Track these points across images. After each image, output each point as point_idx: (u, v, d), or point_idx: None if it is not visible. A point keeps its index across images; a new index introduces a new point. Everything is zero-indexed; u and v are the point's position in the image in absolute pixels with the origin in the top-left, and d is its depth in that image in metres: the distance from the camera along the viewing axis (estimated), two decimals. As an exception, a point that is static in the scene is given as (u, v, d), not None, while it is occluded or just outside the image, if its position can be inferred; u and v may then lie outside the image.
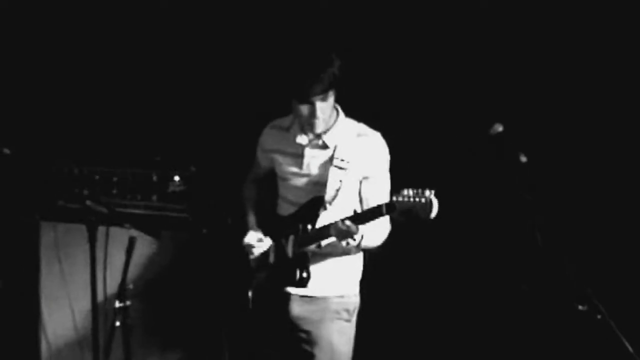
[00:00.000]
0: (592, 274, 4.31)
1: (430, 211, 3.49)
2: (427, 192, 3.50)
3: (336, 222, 3.71)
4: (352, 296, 4.02)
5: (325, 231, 3.79)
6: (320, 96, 3.80)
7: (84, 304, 4.48)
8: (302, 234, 3.89)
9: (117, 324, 4.27)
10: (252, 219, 4.12)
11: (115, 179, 4.65)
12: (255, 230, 4.07)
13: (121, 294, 4.27)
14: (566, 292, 4.23)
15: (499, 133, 4.14)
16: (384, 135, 4.00)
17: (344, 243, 3.76)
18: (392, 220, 3.90)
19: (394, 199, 3.56)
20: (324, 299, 3.96)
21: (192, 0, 5.07)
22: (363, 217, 3.70)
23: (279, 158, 4.02)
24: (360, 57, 4.61)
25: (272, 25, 4.94)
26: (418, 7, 4.77)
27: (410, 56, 4.82)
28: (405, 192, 3.55)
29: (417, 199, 3.50)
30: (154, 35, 5.10)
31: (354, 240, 3.73)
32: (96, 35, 5.12)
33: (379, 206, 3.65)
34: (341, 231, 3.70)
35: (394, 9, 4.82)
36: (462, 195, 4.44)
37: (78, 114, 5.01)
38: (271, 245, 4.01)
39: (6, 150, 4.21)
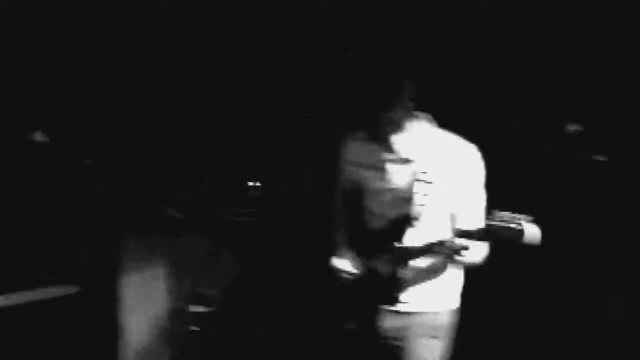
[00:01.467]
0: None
1: (520, 239, 3.30)
2: (520, 218, 3.32)
3: (448, 240, 3.53)
4: (444, 313, 3.93)
5: (425, 249, 3.69)
6: (389, 113, 3.69)
7: (161, 310, 4.52)
8: (396, 253, 3.79)
9: (193, 329, 4.30)
10: (341, 237, 4.04)
11: (195, 187, 4.69)
12: (345, 250, 4.00)
13: (197, 300, 4.30)
14: None
15: (576, 132, 4.10)
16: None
17: (451, 259, 3.64)
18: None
19: (487, 223, 3.41)
20: (412, 314, 3.87)
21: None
22: (470, 234, 3.47)
23: (363, 172, 3.92)
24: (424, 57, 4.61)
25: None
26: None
27: (487, 52, 4.79)
28: (498, 214, 3.37)
29: (506, 225, 3.33)
30: (230, 41, 5.12)
31: (462, 255, 3.60)
32: (167, 36, 5.16)
33: (472, 230, 3.46)
34: (453, 248, 3.53)
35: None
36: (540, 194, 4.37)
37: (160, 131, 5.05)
38: (362, 262, 3.94)
39: (88, 161, 4.29)
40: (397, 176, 3.79)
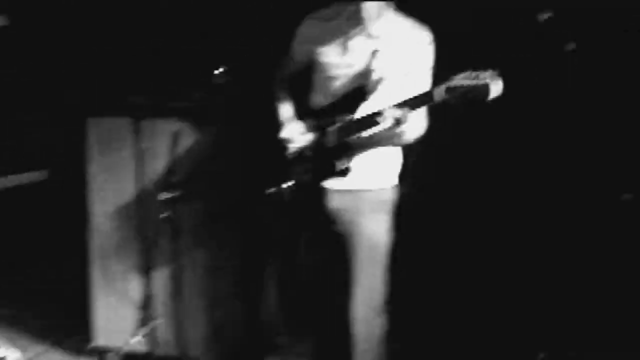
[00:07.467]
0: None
1: (487, 93, 3.34)
2: (484, 74, 3.38)
3: (385, 110, 3.64)
4: (389, 189, 4.01)
5: (370, 120, 3.74)
6: None
7: (131, 198, 4.53)
8: (344, 124, 3.85)
9: (164, 216, 4.31)
10: (288, 112, 4.08)
11: (159, 71, 4.64)
12: (294, 122, 4.04)
13: (167, 186, 4.30)
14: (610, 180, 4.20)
15: (548, 19, 4.05)
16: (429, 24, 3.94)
17: (390, 132, 3.70)
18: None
19: (447, 83, 3.48)
20: (361, 191, 3.95)
21: None
22: (413, 103, 3.62)
23: (320, 48, 3.96)
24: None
25: None
26: None
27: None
28: (458, 76, 3.46)
29: (472, 82, 3.39)
30: None
31: (402, 129, 3.66)
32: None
33: (430, 91, 3.56)
34: (391, 118, 3.63)
35: None
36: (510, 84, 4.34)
37: (123, 7, 4.95)
38: (309, 136, 3.98)
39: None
40: (358, 51, 3.83)
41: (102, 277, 4.63)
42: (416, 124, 3.81)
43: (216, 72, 4.43)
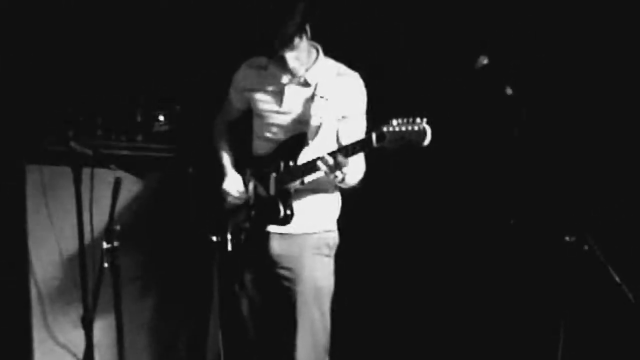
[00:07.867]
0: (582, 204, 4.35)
1: (424, 138, 3.47)
2: (419, 120, 3.49)
3: (325, 156, 3.69)
4: (331, 232, 4.03)
5: (311, 166, 3.78)
6: (287, 48, 3.77)
7: (71, 246, 4.46)
8: (285, 171, 3.88)
9: (106, 265, 4.25)
10: (227, 161, 4.10)
11: (99, 119, 4.61)
12: (233, 174, 4.06)
13: (108, 235, 4.24)
14: (554, 223, 4.25)
15: (485, 65, 4.11)
16: (366, 71, 3.99)
17: (331, 177, 3.74)
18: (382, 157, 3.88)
19: (384, 128, 3.56)
20: (303, 235, 3.96)
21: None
22: (352, 149, 3.69)
23: (258, 96, 3.99)
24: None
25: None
26: None
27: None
28: (394, 121, 3.54)
29: (408, 127, 3.49)
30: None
31: (342, 173, 3.71)
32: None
33: (368, 136, 3.63)
34: (331, 164, 3.67)
35: None
36: (448, 129, 4.39)
37: (61, 53, 4.91)
38: (251, 184, 4.00)
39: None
40: (294, 99, 3.87)
41: (42, 327, 4.54)
42: (356, 168, 3.85)
43: (158, 119, 4.42)
